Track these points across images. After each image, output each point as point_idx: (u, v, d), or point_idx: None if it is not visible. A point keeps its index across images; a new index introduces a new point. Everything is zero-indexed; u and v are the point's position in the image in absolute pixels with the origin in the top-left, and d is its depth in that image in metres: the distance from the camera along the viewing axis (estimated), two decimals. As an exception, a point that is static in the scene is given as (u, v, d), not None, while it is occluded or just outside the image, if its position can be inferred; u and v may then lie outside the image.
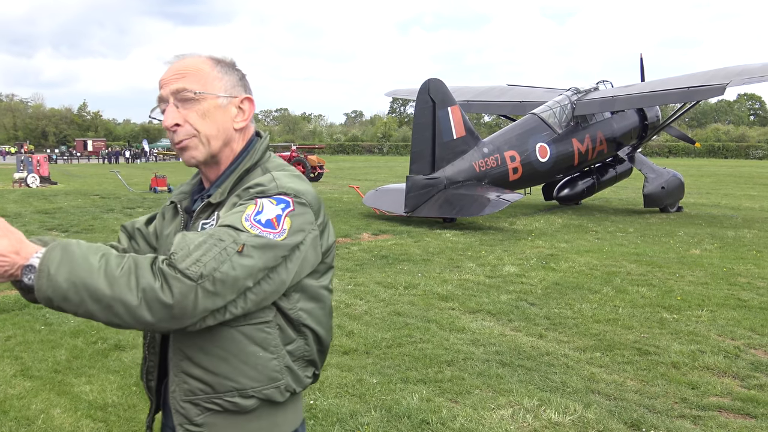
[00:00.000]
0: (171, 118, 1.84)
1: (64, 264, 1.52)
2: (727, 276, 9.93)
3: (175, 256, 1.56)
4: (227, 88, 1.89)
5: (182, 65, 1.87)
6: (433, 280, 9.48)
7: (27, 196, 23.20)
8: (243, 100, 1.92)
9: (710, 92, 17.21)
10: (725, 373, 5.80)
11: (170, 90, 1.84)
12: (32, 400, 5.10)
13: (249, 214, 1.67)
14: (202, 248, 1.57)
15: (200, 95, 1.83)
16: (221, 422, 1.82)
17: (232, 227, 1.63)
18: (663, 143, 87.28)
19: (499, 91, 23.21)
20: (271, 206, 1.70)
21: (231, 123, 1.90)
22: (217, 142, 1.88)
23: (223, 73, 1.90)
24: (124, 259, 1.56)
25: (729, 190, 29.25)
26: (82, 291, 1.51)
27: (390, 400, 5.10)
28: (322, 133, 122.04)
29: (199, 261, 1.55)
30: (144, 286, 1.52)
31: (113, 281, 1.51)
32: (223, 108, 1.88)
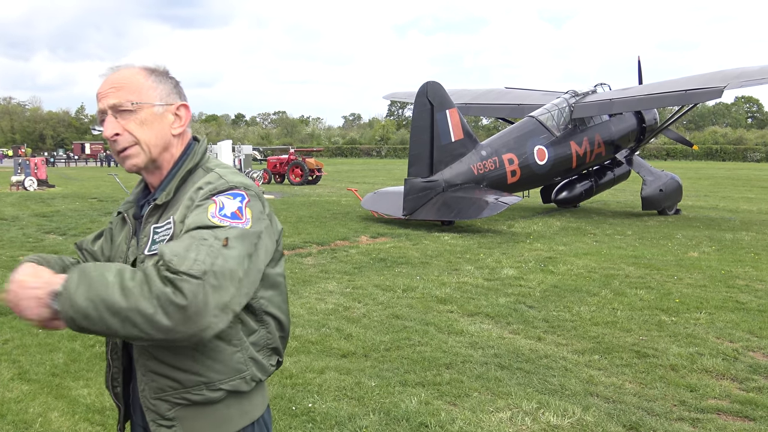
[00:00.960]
0: (110, 129, 1.92)
1: (82, 283, 1.60)
2: (725, 278, 9.93)
3: (173, 262, 1.61)
4: (162, 96, 1.97)
5: (117, 78, 1.95)
6: (431, 283, 9.47)
7: (24, 199, 23.17)
8: (179, 107, 2.02)
9: (708, 95, 17.25)
10: (724, 376, 5.80)
11: (108, 103, 1.93)
12: (30, 404, 5.09)
13: (213, 212, 1.76)
14: (193, 250, 1.63)
15: (137, 105, 1.92)
16: (191, 414, 1.89)
17: (204, 227, 1.71)
18: (661, 146, 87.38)
19: (497, 94, 23.23)
20: (230, 201, 1.80)
21: (169, 129, 1.99)
22: (156, 148, 1.97)
23: (157, 83, 1.98)
24: (136, 273, 1.63)
25: (727, 193, 29.29)
26: (101, 306, 1.58)
27: (388, 403, 5.09)
28: (320, 136, 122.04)
29: (197, 260, 1.61)
30: (157, 293, 1.58)
31: (128, 293, 1.58)
32: (159, 116, 1.96)
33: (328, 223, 16.17)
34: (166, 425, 1.89)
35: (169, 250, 1.65)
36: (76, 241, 2.32)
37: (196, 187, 1.88)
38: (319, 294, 8.71)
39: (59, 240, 13.27)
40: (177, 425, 1.89)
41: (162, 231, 1.90)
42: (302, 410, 4.96)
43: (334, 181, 36.49)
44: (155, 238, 1.90)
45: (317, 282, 9.43)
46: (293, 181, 34.17)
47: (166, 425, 1.89)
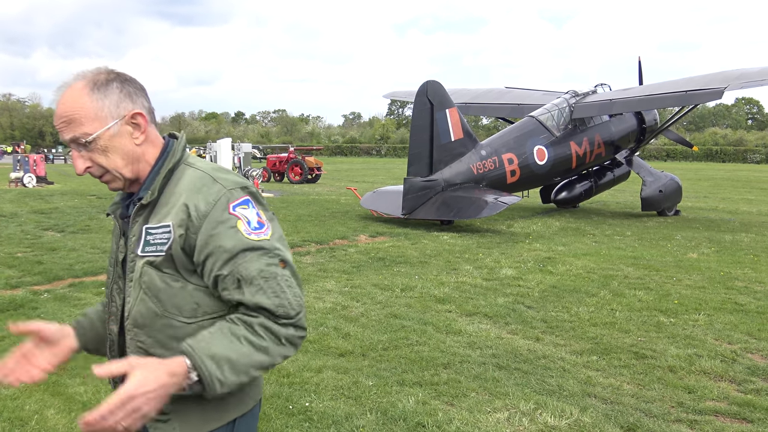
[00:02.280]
0: (80, 166, 1.94)
1: (223, 366, 1.75)
2: (724, 280, 9.93)
3: (280, 312, 1.85)
4: (111, 112, 1.90)
5: (63, 110, 1.90)
6: (430, 283, 9.46)
7: (23, 196, 23.14)
8: (132, 115, 1.94)
9: (708, 96, 17.23)
10: (722, 378, 5.80)
11: (66, 139, 1.92)
12: (26, 401, 5.08)
13: (245, 229, 1.87)
14: (281, 291, 1.86)
15: (92, 138, 1.89)
16: (185, 407, 1.92)
17: (251, 249, 1.86)
18: (661, 147, 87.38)
19: (497, 94, 23.20)
20: (246, 211, 1.90)
21: (131, 143, 1.95)
22: (127, 168, 1.96)
23: (102, 98, 1.90)
24: (255, 329, 1.82)
25: (726, 194, 29.29)
26: (252, 372, 1.81)
27: (386, 403, 5.08)
28: (320, 135, 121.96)
29: (291, 300, 1.87)
30: (286, 337, 1.85)
31: (268, 351, 1.82)
32: (118, 135, 1.92)
33: (327, 222, 16.16)
34: (162, 419, 1.90)
35: (270, 303, 1.83)
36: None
37: (188, 187, 1.92)
38: (317, 293, 8.69)
39: (57, 237, 13.25)
40: (172, 418, 1.92)
41: (157, 234, 1.90)
42: (299, 409, 4.95)
43: (333, 179, 36.47)
44: (148, 239, 1.91)
45: (315, 281, 9.42)
46: (292, 179, 34.15)
47: (161, 419, 1.90)
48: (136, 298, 1.93)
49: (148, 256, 1.91)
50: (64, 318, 7.24)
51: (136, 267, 1.94)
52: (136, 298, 1.93)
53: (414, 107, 16.30)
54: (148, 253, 1.91)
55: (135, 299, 1.93)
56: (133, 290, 1.94)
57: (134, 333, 1.94)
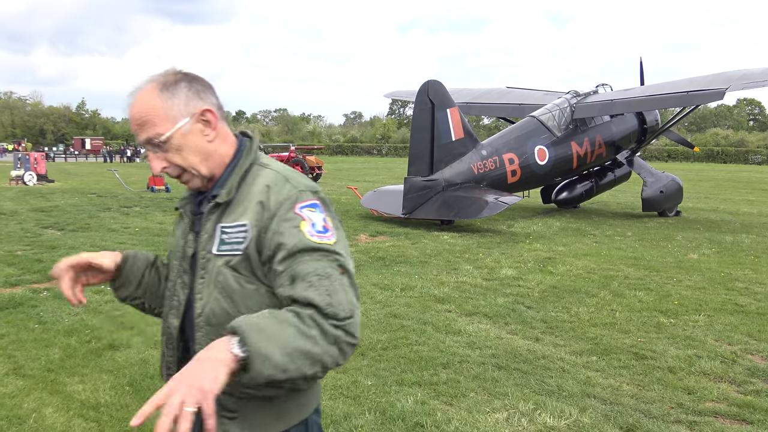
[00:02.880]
0: (157, 166, 1.97)
1: (272, 342, 1.69)
2: (724, 281, 9.91)
3: (329, 312, 1.78)
4: (181, 111, 1.93)
5: (136, 112, 1.93)
6: (429, 282, 9.45)
7: (24, 194, 23.14)
8: (202, 112, 1.96)
9: (709, 97, 17.22)
10: (722, 379, 5.78)
11: (141, 141, 1.96)
12: (24, 399, 5.07)
13: (308, 230, 1.87)
14: (333, 291, 1.81)
15: (166, 138, 1.92)
16: (253, 407, 1.93)
17: (310, 249, 1.85)
18: (662, 147, 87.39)
19: (499, 94, 23.20)
20: (313, 214, 1.91)
21: (203, 140, 1.98)
22: (203, 165, 1.98)
23: (171, 98, 1.93)
24: (303, 318, 1.75)
25: (728, 195, 29.27)
26: (299, 358, 1.71)
27: (384, 403, 5.07)
28: (321, 134, 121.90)
29: (344, 303, 1.81)
30: (335, 336, 1.77)
31: (315, 341, 1.74)
32: (190, 133, 1.95)
33: (327, 221, 16.11)
34: (229, 416, 1.93)
35: (320, 300, 1.78)
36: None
37: (262, 185, 1.94)
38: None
39: (57, 235, 13.24)
40: (239, 416, 1.94)
41: (234, 233, 1.93)
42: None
43: (334, 179, 36.46)
44: (224, 238, 1.94)
45: (315, 280, 9.38)
46: (293, 178, 34.06)
47: (228, 416, 1.93)
48: (210, 297, 1.94)
49: (224, 255, 1.93)
50: (63, 316, 7.24)
51: (211, 266, 1.95)
52: (210, 296, 1.94)
53: (415, 107, 16.29)
54: (224, 251, 1.93)
55: (209, 298, 1.94)
56: (206, 288, 1.95)
57: (206, 331, 1.95)
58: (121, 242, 12.29)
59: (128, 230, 14.08)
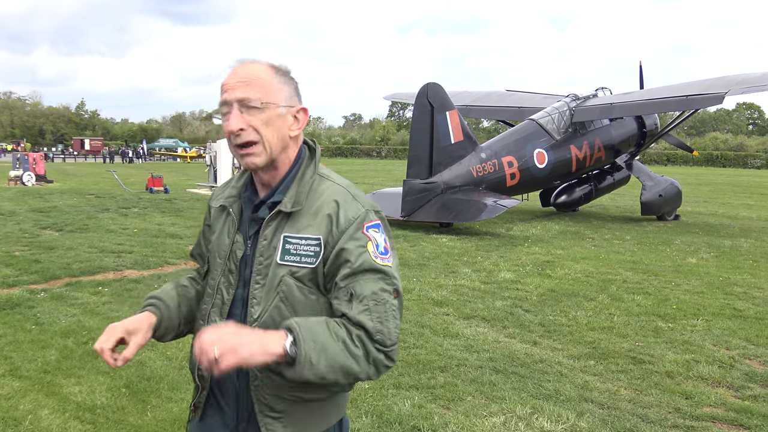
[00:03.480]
0: (236, 123, 1.94)
1: (321, 353, 1.78)
2: (723, 285, 9.91)
3: (378, 338, 1.88)
4: (286, 98, 2.01)
5: (246, 72, 1.97)
6: (428, 285, 9.44)
7: (22, 194, 23.12)
8: (299, 110, 2.06)
9: (709, 101, 17.24)
10: (719, 384, 5.77)
11: (235, 96, 1.94)
12: (20, 401, 5.05)
13: (373, 251, 1.95)
14: (386, 319, 1.90)
15: (265, 104, 1.95)
16: (298, 409, 2.01)
17: (373, 270, 1.93)
18: (661, 151, 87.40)
19: (498, 97, 23.21)
20: (377, 234, 1.99)
21: (288, 131, 2.03)
22: (276, 148, 2.01)
23: (283, 83, 2.01)
24: (353, 337, 1.86)
25: (726, 199, 29.27)
26: (338, 372, 1.82)
27: (381, 406, 5.06)
28: (320, 136, 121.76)
29: (393, 331, 1.92)
30: (374, 358, 1.87)
31: (357, 360, 1.84)
32: (282, 117, 2.00)
33: (326, 223, 16.10)
34: (275, 416, 1.99)
35: (372, 326, 1.87)
36: (191, 251, 2.41)
37: (330, 200, 2.00)
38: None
39: (55, 236, 13.22)
40: (284, 418, 1.99)
41: (301, 244, 1.97)
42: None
43: (333, 181, 36.37)
44: (289, 249, 1.97)
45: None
46: (292, 180, 34.07)
47: (274, 416, 1.99)
48: (270, 304, 1.97)
49: (290, 265, 1.96)
50: (60, 317, 7.22)
51: (271, 273, 1.98)
52: (269, 303, 1.97)
53: (414, 109, 16.28)
54: (290, 262, 1.96)
55: (267, 305, 1.97)
56: (264, 295, 1.98)
57: None
58: (119, 243, 12.27)
59: (126, 231, 14.06)
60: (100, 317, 7.25)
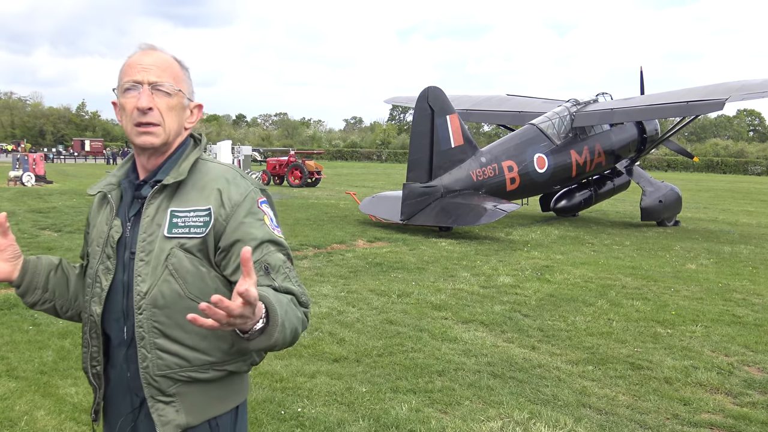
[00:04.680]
0: (146, 101, 2.00)
1: (286, 318, 1.80)
2: (722, 292, 9.89)
3: (302, 299, 1.97)
4: (190, 92, 2.14)
5: (159, 59, 2.06)
6: (426, 289, 9.42)
7: (22, 194, 23.11)
8: (196, 105, 2.18)
9: (709, 107, 17.23)
10: (718, 390, 5.76)
11: (149, 78, 2.01)
12: (16, 401, 5.03)
13: (270, 224, 2.04)
14: (300, 282, 2.03)
15: (176, 92, 2.05)
16: (191, 390, 2.00)
17: (273, 242, 2.02)
18: (662, 157, 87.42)
19: (498, 101, 23.21)
20: (267, 209, 2.08)
21: (184, 122, 2.14)
22: (173, 134, 2.09)
23: (187, 77, 2.14)
24: (293, 302, 1.92)
25: (727, 206, 29.27)
26: (292, 333, 1.83)
27: (379, 410, 5.04)
28: (320, 139, 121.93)
29: (306, 293, 2.02)
30: (302, 319, 1.92)
31: (301, 322, 1.91)
32: (184, 108, 2.11)
33: (325, 226, 16.12)
34: (165, 401, 1.97)
35: (297, 291, 1.96)
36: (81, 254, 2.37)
37: (220, 176, 2.07)
38: (313, 297, 8.64)
39: (54, 237, 13.21)
40: (177, 401, 1.98)
41: (190, 216, 2.00)
42: (291, 415, 4.91)
43: (333, 184, 36.45)
44: (176, 221, 2.00)
45: (312, 285, 9.37)
46: (292, 183, 34.10)
47: (164, 401, 1.97)
48: (159, 278, 1.96)
49: (179, 237, 1.98)
50: (58, 319, 7.19)
51: (158, 249, 1.98)
52: (157, 278, 1.96)
53: (414, 113, 16.28)
54: (179, 234, 1.98)
55: (155, 279, 1.96)
56: (150, 270, 1.97)
57: (151, 313, 1.97)
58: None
59: (126, 232, 14.03)
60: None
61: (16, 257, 2.17)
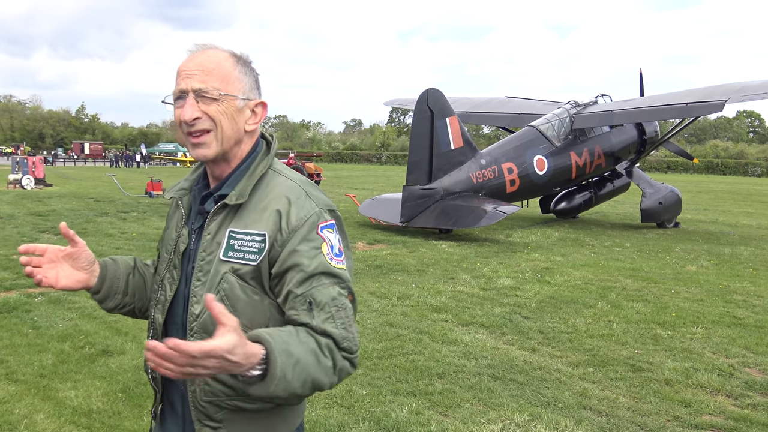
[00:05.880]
0: (191, 112, 1.86)
1: (295, 369, 1.67)
2: (722, 293, 9.88)
3: (344, 345, 1.80)
4: (245, 90, 1.93)
5: (206, 60, 1.89)
6: (426, 292, 9.41)
7: (21, 197, 23.10)
8: (258, 104, 1.97)
9: (709, 108, 17.24)
10: (719, 392, 5.75)
11: (192, 85, 1.86)
12: (16, 405, 5.02)
13: (328, 253, 1.85)
14: (348, 324, 1.83)
15: (222, 96, 1.87)
16: (238, 418, 1.90)
17: (329, 274, 1.84)
18: (661, 158, 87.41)
19: (498, 103, 23.21)
20: (331, 235, 1.88)
21: (244, 124, 1.94)
22: (229, 141, 1.92)
23: (243, 74, 1.93)
24: (322, 348, 1.76)
25: (727, 207, 29.26)
26: (309, 385, 1.72)
27: (379, 412, 5.03)
28: (320, 141, 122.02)
29: (355, 336, 1.85)
30: (340, 367, 1.79)
31: (326, 372, 1.75)
32: (239, 110, 1.91)
33: (325, 229, 16.08)
34: (212, 426, 1.90)
35: (338, 334, 1.79)
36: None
37: (281, 195, 1.89)
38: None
39: (53, 240, 13.20)
40: (223, 428, 1.90)
41: (246, 240, 1.86)
42: (291, 418, 4.89)
43: (333, 186, 36.43)
44: (233, 245, 1.87)
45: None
46: (292, 185, 34.07)
47: (211, 426, 1.90)
48: None
49: (233, 262, 1.86)
50: (57, 321, 7.20)
51: (215, 270, 1.87)
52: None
53: (414, 115, 16.29)
54: (233, 259, 1.86)
55: None
56: (205, 292, 1.86)
57: (201, 337, 1.84)
58: (118, 247, 12.26)
59: (125, 235, 14.04)
60: (97, 321, 7.23)
61: (90, 263, 2.03)
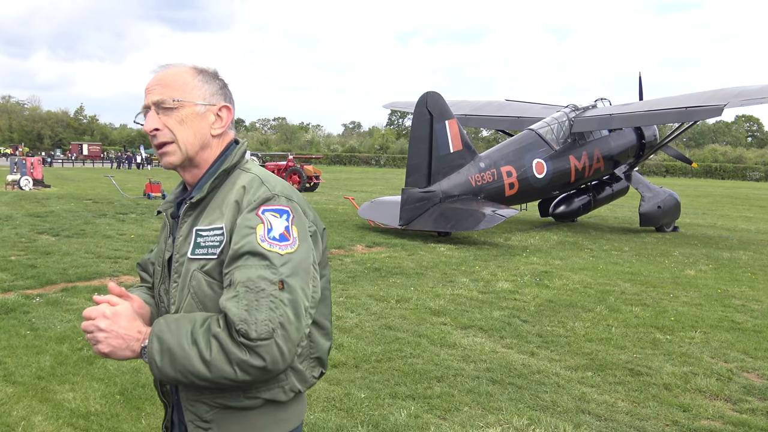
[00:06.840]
0: (150, 124, 1.94)
1: (165, 356, 1.72)
2: (721, 297, 9.88)
3: (242, 330, 1.66)
4: (206, 96, 1.99)
5: (165, 75, 1.98)
6: (425, 295, 9.41)
7: (19, 198, 23.07)
8: (221, 108, 2.03)
9: (708, 113, 17.25)
10: (717, 396, 5.74)
11: (152, 99, 1.95)
12: (13, 407, 5.01)
13: (261, 234, 1.77)
14: (256, 309, 1.68)
15: (178, 103, 1.94)
16: (228, 418, 1.90)
17: (254, 254, 1.75)
18: (660, 162, 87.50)
19: (497, 106, 23.22)
20: (276, 220, 1.81)
21: (209, 129, 2.00)
22: (192, 147, 1.98)
23: (203, 82, 2.00)
24: (209, 338, 1.70)
25: (725, 211, 29.28)
26: (189, 375, 1.71)
27: (377, 416, 5.02)
28: (319, 143, 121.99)
29: (263, 321, 1.67)
30: (237, 361, 1.68)
31: (209, 365, 1.68)
32: (201, 115, 1.98)
33: (324, 231, 16.07)
34: (203, 427, 1.92)
35: (235, 314, 1.68)
36: (137, 261, 2.38)
37: (239, 186, 1.90)
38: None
39: (52, 241, 13.18)
40: (213, 427, 1.91)
41: (208, 236, 1.88)
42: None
43: (331, 188, 36.44)
44: (199, 242, 1.90)
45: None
46: (291, 187, 34.08)
47: (203, 427, 1.92)
48: (183, 301, 1.90)
49: (199, 258, 1.88)
50: (55, 323, 7.18)
51: (185, 269, 1.91)
52: (182, 301, 1.90)
53: (413, 118, 16.30)
54: (199, 255, 1.88)
55: (182, 302, 1.90)
56: (178, 293, 1.92)
57: None
58: (116, 249, 12.24)
59: (123, 237, 14.03)
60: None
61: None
